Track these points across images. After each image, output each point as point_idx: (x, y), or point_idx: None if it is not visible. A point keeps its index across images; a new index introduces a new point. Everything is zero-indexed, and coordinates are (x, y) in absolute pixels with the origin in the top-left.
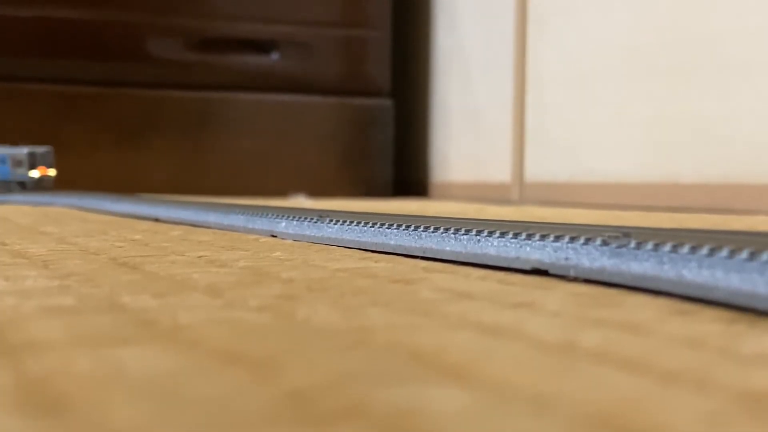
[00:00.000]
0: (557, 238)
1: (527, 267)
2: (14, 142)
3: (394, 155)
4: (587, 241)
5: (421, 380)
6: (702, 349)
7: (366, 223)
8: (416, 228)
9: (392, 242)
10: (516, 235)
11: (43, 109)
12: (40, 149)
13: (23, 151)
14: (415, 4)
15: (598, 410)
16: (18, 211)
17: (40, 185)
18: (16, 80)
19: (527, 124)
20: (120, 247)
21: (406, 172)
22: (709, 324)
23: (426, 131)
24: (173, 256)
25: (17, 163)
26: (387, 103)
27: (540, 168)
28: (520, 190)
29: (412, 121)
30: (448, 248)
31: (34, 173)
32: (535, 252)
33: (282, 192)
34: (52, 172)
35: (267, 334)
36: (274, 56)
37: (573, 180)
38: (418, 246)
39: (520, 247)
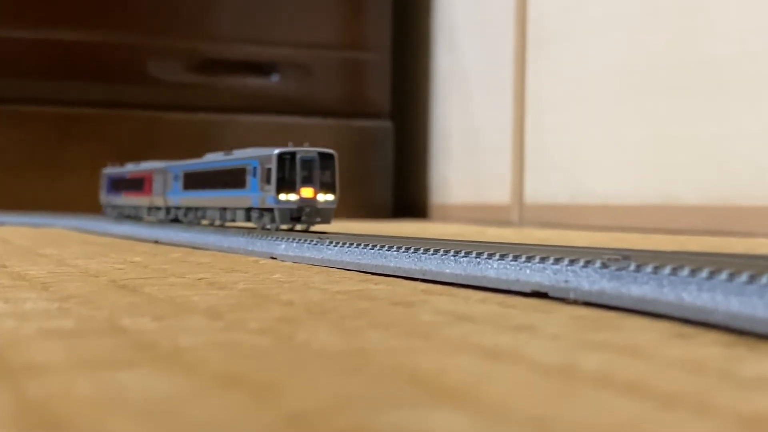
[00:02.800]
0: (557, 261)
1: (527, 289)
2: (15, 164)
3: (393, 176)
4: (587, 263)
5: (421, 403)
6: (702, 373)
7: (365, 245)
8: (416, 250)
9: (392, 264)
10: (516, 258)
11: (43, 131)
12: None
13: (274, 153)
14: (415, 27)
15: None
16: (17, 232)
17: (313, 215)
18: (17, 102)
19: (527, 145)
20: (120, 269)
21: (406, 193)
22: (708, 347)
23: (426, 153)
24: (173, 278)
25: (265, 176)
26: (387, 124)
27: (539, 189)
28: (519, 211)
29: (412, 142)
30: (447, 270)
31: (291, 196)
32: (534, 274)
33: None
34: (326, 196)
35: (267, 357)
36: (274, 78)
37: (572, 201)
38: (417, 268)
39: (520, 269)
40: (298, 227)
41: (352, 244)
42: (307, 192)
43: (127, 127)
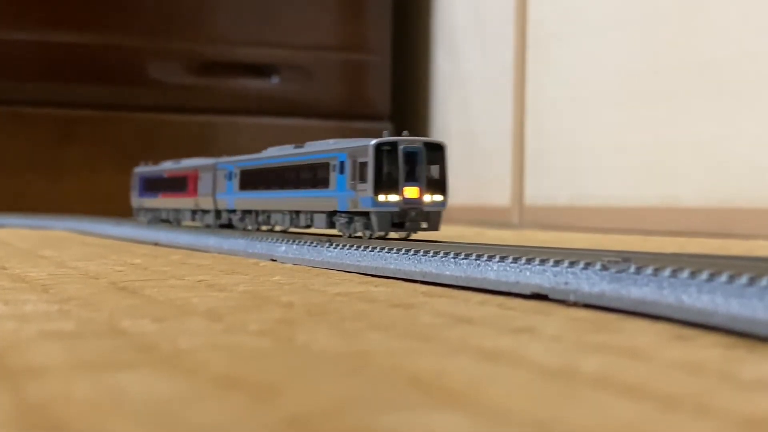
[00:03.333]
0: (557, 263)
1: (527, 291)
2: (16, 165)
3: None
4: (587, 265)
5: (421, 405)
6: (701, 375)
7: (366, 247)
8: (416, 252)
9: (392, 266)
10: (516, 260)
11: (44, 133)
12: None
13: (371, 144)
14: (415, 29)
15: None
16: (17, 234)
17: (418, 220)
18: (17, 104)
19: (527, 147)
20: (120, 271)
21: None
22: (708, 349)
23: None
24: (173, 281)
25: (358, 173)
26: (387, 126)
27: (539, 192)
28: (519, 213)
29: None
30: (447, 272)
31: (392, 196)
32: (534, 276)
33: None
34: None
35: (267, 359)
36: (275, 80)
37: (572, 204)
38: (417, 270)
39: (520, 271)
40: (392, 234)
41: (352, 246)
42: (411, 192)
43: (127, 129)
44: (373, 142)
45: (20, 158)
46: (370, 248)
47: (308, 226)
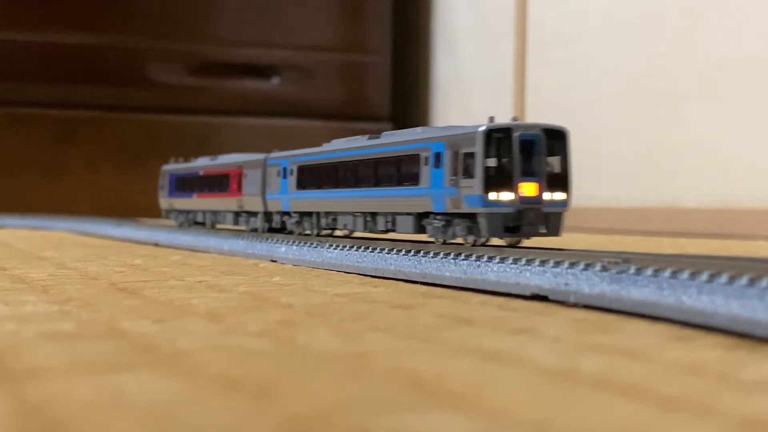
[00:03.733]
0: (557, 264)
1: (527, 292)
2: (16, 166)
3: None
4: (587, 266)
5: (422, 407)
6: (702, 376)
7: (366, 248)
8: (416, 253)
9: (392, 267)
10: (516, 261)
11: (44, 133)
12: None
13: (480, 131)
14: (416, 30)
15: None
16: (17, 235)
17: (537, 223)
18: (17, 104)
19: None
20: (120, 272)
21: None
22: (708, 350)
23: None
24: (173, 281)
25: (461, 166)
26: (387, 127)
27: None
28: None
29: None
30: (447, 273)
31: (505, 194)
32: (534, 277)
33: None
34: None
35: (267, 360)
36: (275, 81)
37: (572, 204)
38: (417, 271)
39: (520, 272)
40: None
41: (352, 247)
42: (528, 188)
43: (128, 130)
44: (483, 128)
45: (20, 159)
46: (370, 249)
47: (388, 231)
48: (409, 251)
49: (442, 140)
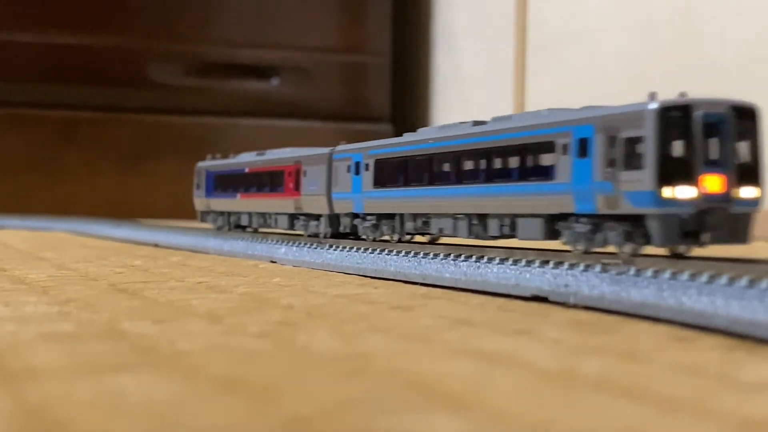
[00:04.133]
0: (557, 265)
1: (527, 293)
2: (15, 167)
3: None
4: (587, 267)
5: (421, 408)
6: (701, 377)
7: (366, 249)
8: (416, 254)
9: (392, 268)
10: (516, 262)
11: (44, 134)
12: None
13: (650, 108)
14: (415, 31)
15: None
16: (17, 235)
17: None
18: (17, 105)
19: None
20: (119, 272)
21: None
22: (708, 351)
23: None
24: (173, 282)
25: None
26: (387, 128)
27: None
28: None
29: None
30: (447, 274)
31: (684, 190)
32: (534, 278)
33: None
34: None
35: (266, 361)
36: (274, 82)
37: None
38: (417, 272)
39: (520, 273)
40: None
41: (352, 248)
42: (713, 182)
43: (127, 131)
44: (655, 105)
45: (20, 160)
46: (369, 250)
47: (503, 236)
48: (409, 252)
49: (589, 122)
